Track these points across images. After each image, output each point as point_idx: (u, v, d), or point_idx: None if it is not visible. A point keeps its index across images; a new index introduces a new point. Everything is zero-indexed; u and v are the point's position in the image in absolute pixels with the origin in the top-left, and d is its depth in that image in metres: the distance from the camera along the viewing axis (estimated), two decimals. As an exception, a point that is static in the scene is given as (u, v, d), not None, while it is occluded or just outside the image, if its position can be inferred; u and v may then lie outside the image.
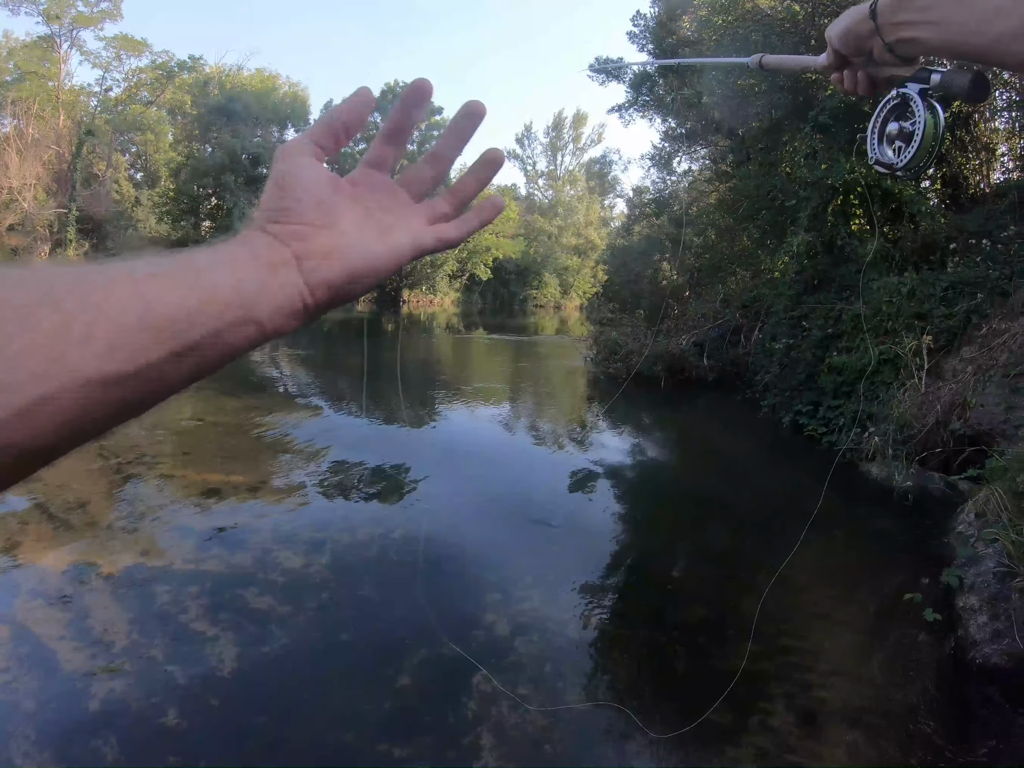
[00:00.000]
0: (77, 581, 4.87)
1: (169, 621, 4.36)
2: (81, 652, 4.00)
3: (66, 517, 6.06)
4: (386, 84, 51.88)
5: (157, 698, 3.62)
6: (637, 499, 8.17)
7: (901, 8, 0.92)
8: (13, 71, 41.88)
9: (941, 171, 13.04)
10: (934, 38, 0.89)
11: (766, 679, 4.19)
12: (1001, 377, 7.41)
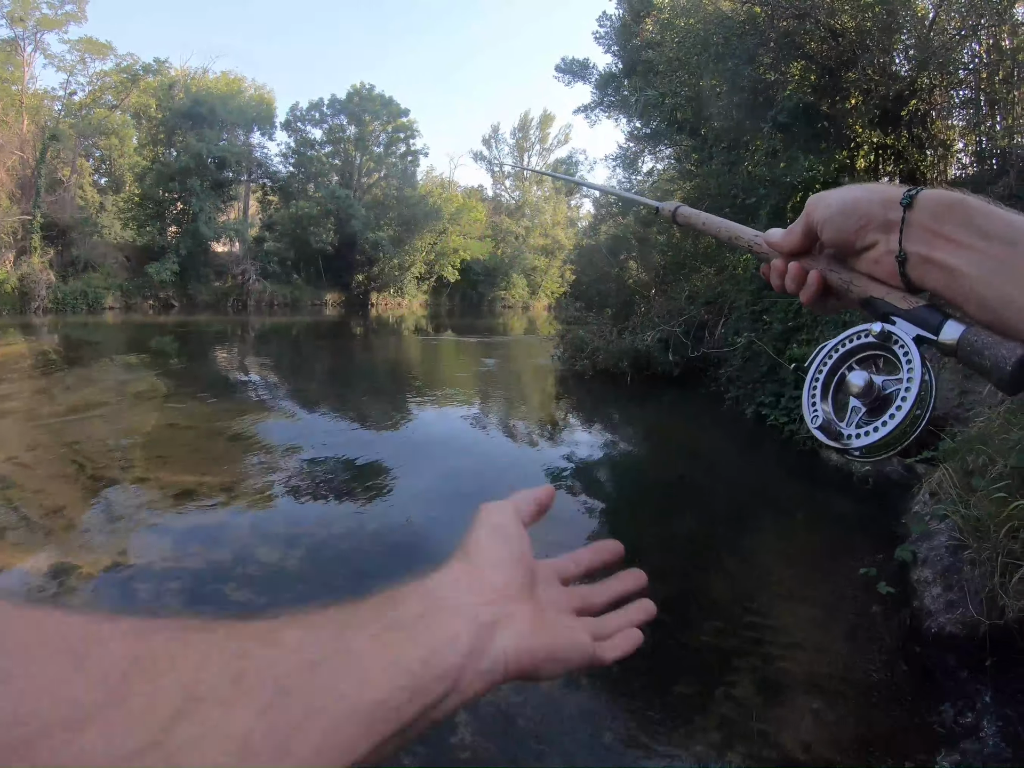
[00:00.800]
0: (57, 582, 4.91)
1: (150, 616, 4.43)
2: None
3: (44, 522, 6.09)
4: (352, 86, 51.79)
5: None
6: (605, 489, 8.34)
7: (953, 218, 0.66)
8: None
9: (899, 167, 13.32)
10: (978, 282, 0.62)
11: (731, 654, 4.36)
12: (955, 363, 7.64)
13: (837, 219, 0.72)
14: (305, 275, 49.13)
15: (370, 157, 53.01)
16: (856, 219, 0.70)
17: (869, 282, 0.72)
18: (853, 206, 0.71)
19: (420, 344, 27.97)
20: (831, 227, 0.72)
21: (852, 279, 0.73)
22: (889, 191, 0.70)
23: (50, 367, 16.46)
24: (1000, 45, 11.93)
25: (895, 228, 0.68)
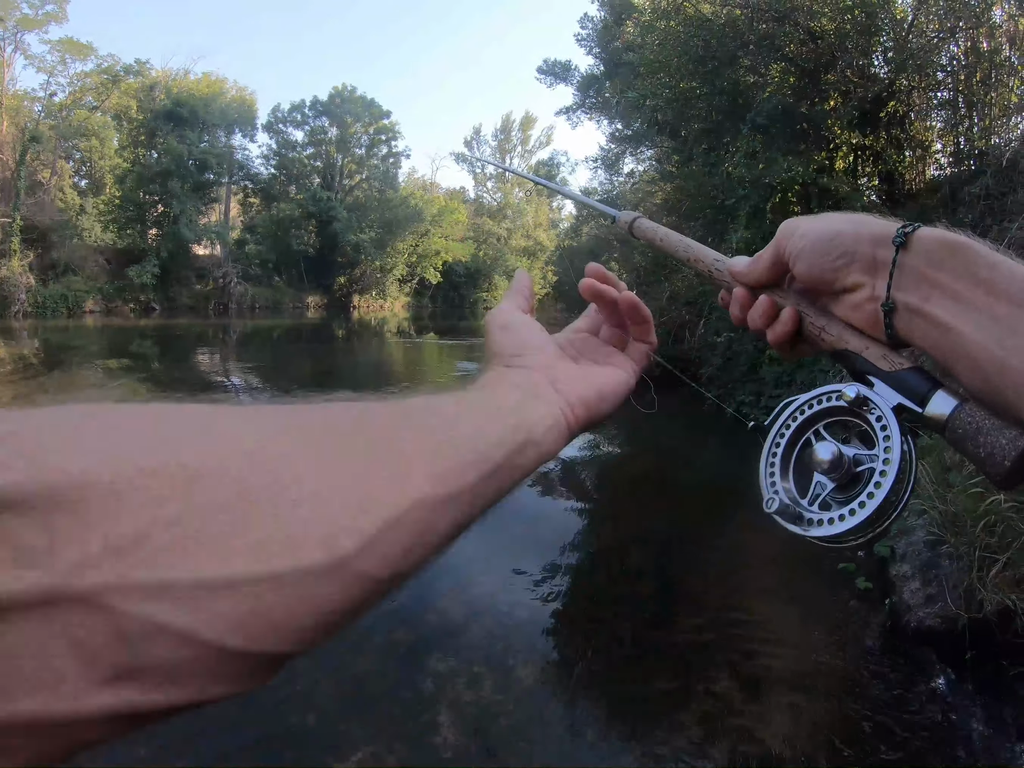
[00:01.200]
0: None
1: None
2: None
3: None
4: (334, 88, 51.74)
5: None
6: (585, 489, 8.37)
7: (954, 265, 0.56)
8: None
9: (877, 168, 13.43)
10: (975, 346, 0.54)
11: (711, 650, 4.38)
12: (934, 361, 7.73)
13: (813, 253, 0.63)
14: (287, 278, 49.07)
15: (352, 159, 53.03)
16: (837, 255, 0.62)
17: (846, 330, 0.63)
18: (834, 240, 0.62)
19: (402, 346, 27.94)
20: (805, 261, 0.63)
21: (826, 324, 0.64)
22: (879, 226, 0.61)
23: (30, 371, 16.31)
24: (978, 47, 12.04)
25: (883, 271, 0.60)
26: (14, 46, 42.01)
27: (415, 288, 58.29)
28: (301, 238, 49.40)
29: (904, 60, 11.56)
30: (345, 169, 52.95)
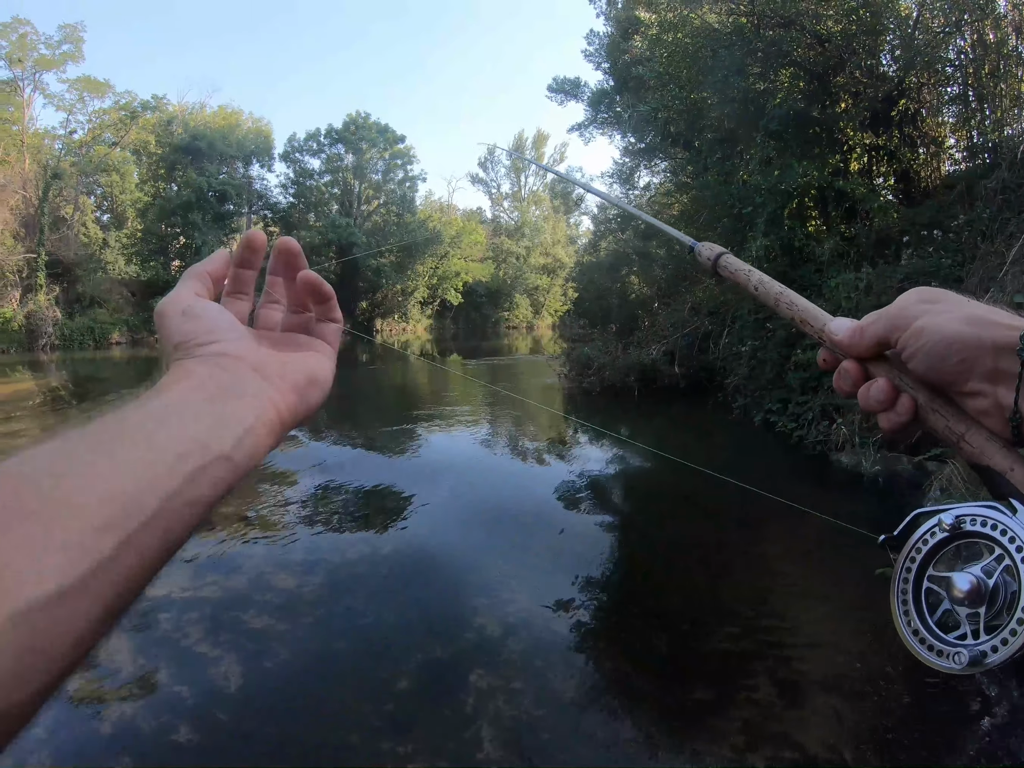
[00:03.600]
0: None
1: (172, 646, 4.48)
2: (88, 681, 4.10)
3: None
4: (348, 116, 52.19)
5: (166, 717, 3.74)
6: (615, 502, 8.36)
7: None
8: None
9: (892, 167, 13.39)
10: None
11: (749, 657, 4.38)
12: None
13: (931, 356, 0.57)
14: (309, 304, 49.34)
15: (369, 184, 53.40)
16: (956, 361, 0.56)
17: (988, 443, 0.56)
18: (952, 346, 0.56)
19: (426, 368, 28.02)
20: (922, 363, 0.58)
21: (965, 432, 0.57)
22: (1003, 331, 0.55)
23: (58, 404, 16.55)
24: (984, 39, 12.01)
25: (1007, 380, 0.54)
26: (33, 86, 42.93)
27: (437, 310, 58.51)
28: (322, 265, 49.69)
29: (912, 57, 11.58)
30: (363, 195, 53.35)
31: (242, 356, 0.55)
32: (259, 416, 0.51)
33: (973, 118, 12.78)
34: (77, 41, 42.96)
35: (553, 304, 64.94)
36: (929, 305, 0.60)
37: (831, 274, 11.03)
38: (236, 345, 0.56)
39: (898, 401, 0.61)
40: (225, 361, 0.53)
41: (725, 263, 0.82)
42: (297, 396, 0.56)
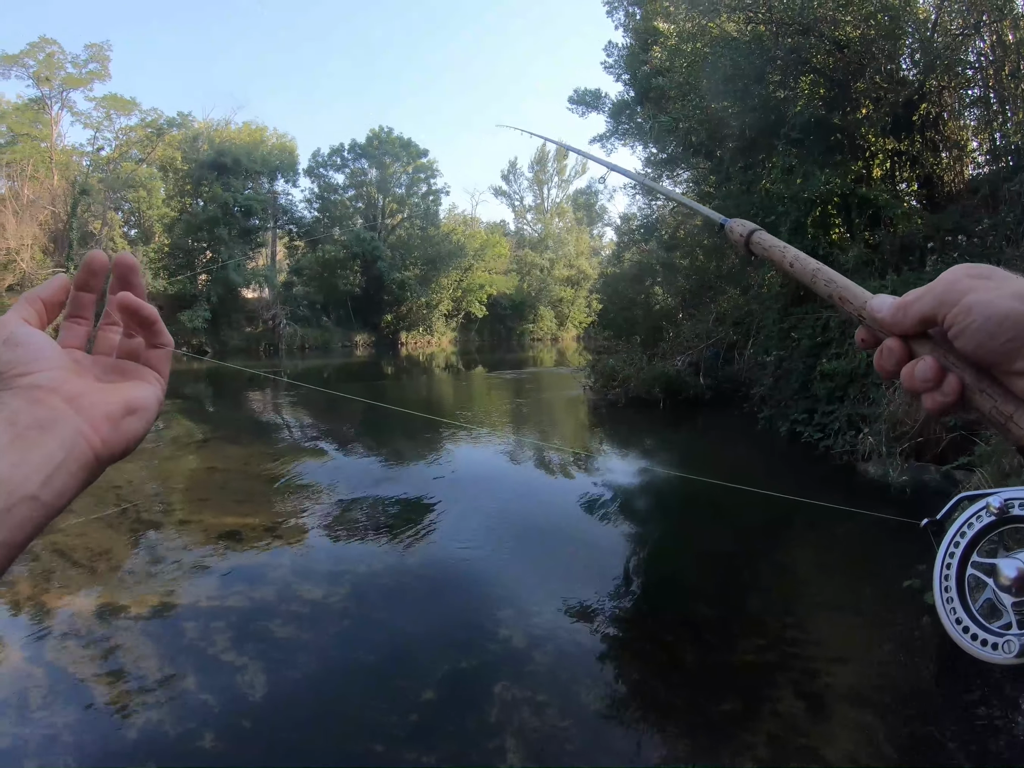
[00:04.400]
0: (106, 622, 5.04)
1: (199, 654, 4.52)
2: (116, 687, 4.16)
3: (90, 563, 6.24)
4: (371, 131, 52.58)
5: (193, 724, 3.78)
6: (642, 515, 8.34)
7: None
8: (6, 133, 42.44)
9: (915, 172, 13.30)
10: None
11: (775, 669, 4.35)
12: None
13: (980, 333, 0.54)
14: (335, 317, 49.69)
15: (392, 198, 53.65)
16: (1006, 340, 0.53)
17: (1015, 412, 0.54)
18: (1005, 322, 0.53)
19: (451, 381, 28.11)
20: (971, 341, 0.54)
21: (1015, 414, 0.54)
22: None
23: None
24: (1004, 40, 11.93)
25: None
26: (60, 104, 43.90)
27: (461, 322, 58.54)
28: (347, 278, 50.13)
29: (932, 60, 11.51)
30: (387, 209, 53.62)
31: (56, 388, 0.52)
32: (69, 451, 0.49)
33: (995, 120, 12.69)
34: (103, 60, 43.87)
35: (577, 316, 64.81)
36: (978, 281, 0.56)
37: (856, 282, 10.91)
38: (52, 376, 0.53)
39: (944, 381, 0.57)
40: (38, 393, 0.51)
41: (759, 239, 0.79)
42: (111, 427, 0.53)
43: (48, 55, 42.04)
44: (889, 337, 0.62)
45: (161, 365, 0.64)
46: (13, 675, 4.32)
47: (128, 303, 0.59)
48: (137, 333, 0.63)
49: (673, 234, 20.58)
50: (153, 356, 0.64)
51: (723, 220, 0.86)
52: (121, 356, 0.63)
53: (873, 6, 11.67)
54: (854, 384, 9.67)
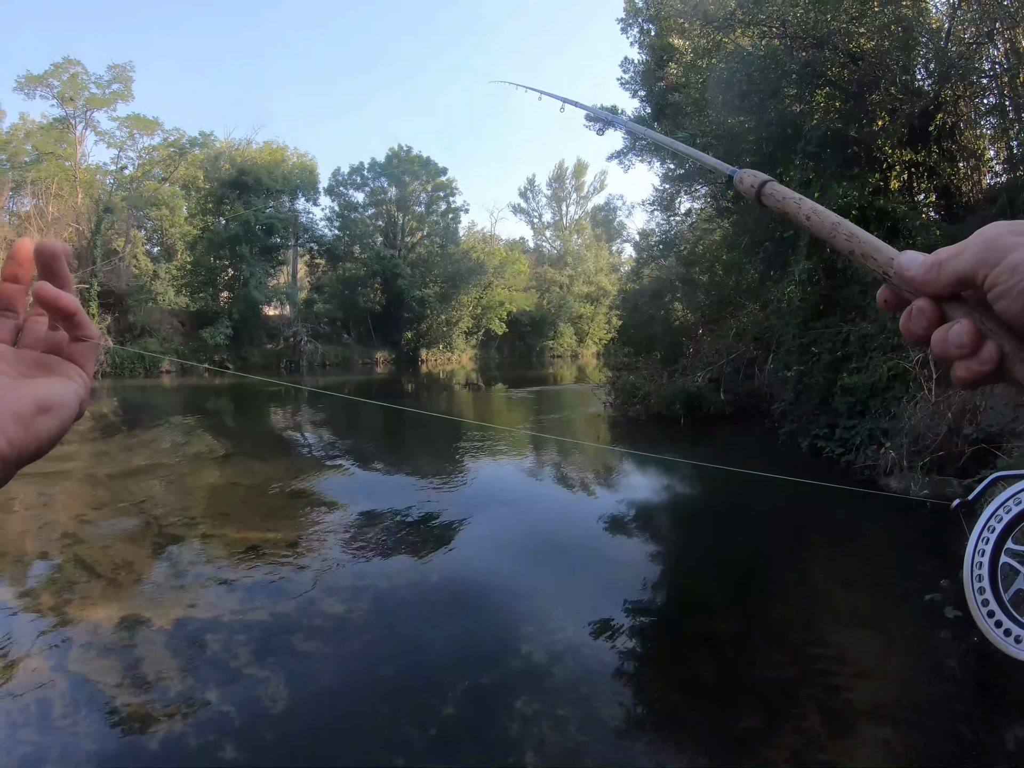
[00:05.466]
0: (129, 634, 5.09)
1: (221, 667, 4.56)
2: (138, 698, 4.20)
3: (113, 576, 6.30)
4: (390, 149, 53.02)
5: (214, 735, 3.81)
6: (663, 530, 8.32)
7: None
8: (31, 152, 43.31)
9: (932, 183, 13.25)
10: None
11: (794, 684, 4.32)
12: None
13: None
14: (355, 335, 49.98)
15: (412, 217, 54.00)
16: None
17: None
18: None
19: (472, 398, 28.15)
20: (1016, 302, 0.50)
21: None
22: None
23: (110, 429, 16.97)
24: (1017, 47, 11.89)
25: None
26: (84, 123, 44.71)
27: (481, 340, 58.67)
28: (367, 296, 50.45)
29: (946, 70, 11.49)
30: (406, 227, 53.95)
31: None
32: None
33: (1011, 128, 12.61)
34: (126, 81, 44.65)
35: (597, 332, 64.75)
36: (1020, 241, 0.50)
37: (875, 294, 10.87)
38: None
39: (982, 348, 0.53)
40: None
41: (771, 191, 0.75)
42: (20, 427, 0.49)
43: (72, 76, 42.86)
44: (919, 298, 0.58)
45: (85, 360, 0.61)
46: (37, 684, 4.37)
47: (44, 294, 0.55)
48: (60, 325, 0.60)
49: (692, 249, 20.57)
50: (76, 350, 0.60)
51: (731, 171, 0.83)
52: (45, 350, 0.60)
53: (887, 17, 11.67)
54: (875, 398, 9.63)
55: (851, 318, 11.16)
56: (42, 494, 9.57)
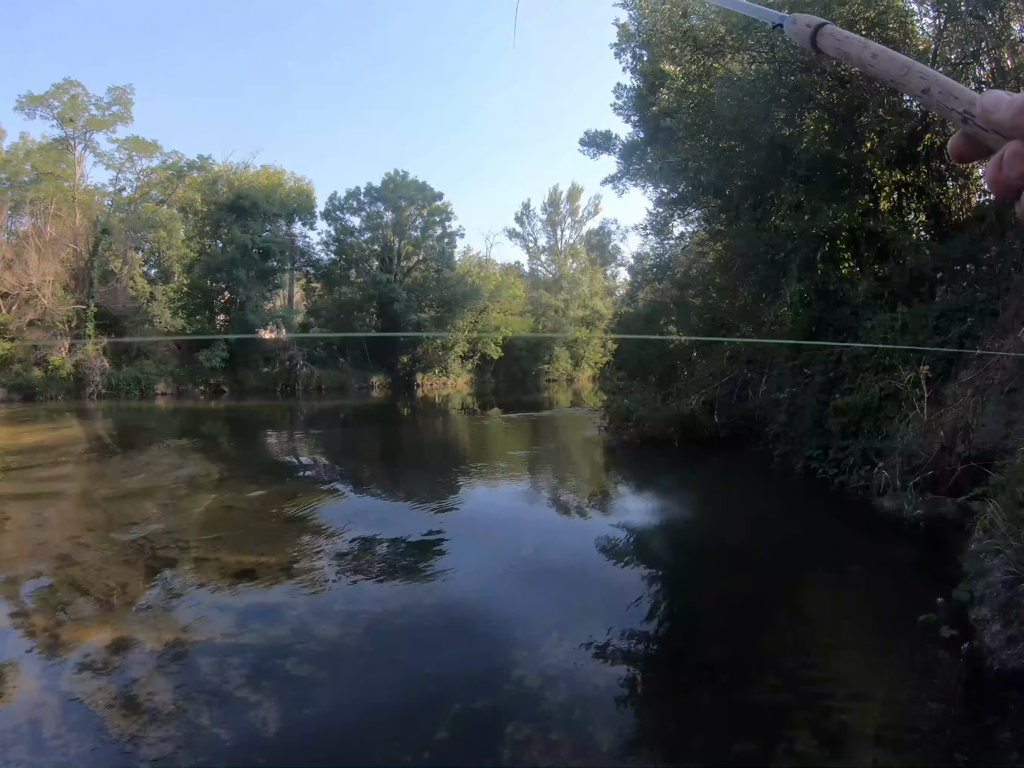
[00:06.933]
0: (121, 656, 5.07)
1: (212, 690, 4.53)
2: (129, 719, 4.18)
3: (106, 597, 6.29)
4: (387, 174, 53.29)
5: (205, 758, 3.79)
6: (657, 554, 8.29)
7: None
8: (30, 172, 43.84)
9: (922, 203, 13.36)
10: None
11: (788, 709, 4.30)
12: (999, 395, 7.59)
13: None
14: (351, 359, 50.02)
15: (408, 241, 54.21)
16: None
17: None
18: None
19: (467, 422, 28.15)
20: None
21: None
22: None
23: (105, 451, 16.96)
24: (1003, 67, 12.04)
25: None
26: (84, 145, 45.31)
27: (477, 364, 58.68)
28: (363, 320, 50.65)
29: (933, 91, 11.62)
30: (402, 251, 54.13)
31: None
32: None
33: (998, 146, 12.75)
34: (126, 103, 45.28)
35: (593, 356, 64.76)
36: None
37: (867, 316, 10.99)
38: None
39: None
40: None
41: (829, 32, 0.69)
42: None
43: (72, 97, 43.48)
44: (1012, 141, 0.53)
45: None
46: (28, 704, 4.35)
47: None
48: None
49: (686, 273, 20.65)
50: None
51: (780, 18, 0.77)
52: None
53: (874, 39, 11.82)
54: (868, 418, 9.66)
55: (842, 338, 11.21)
56: (37, 514, 9.57)
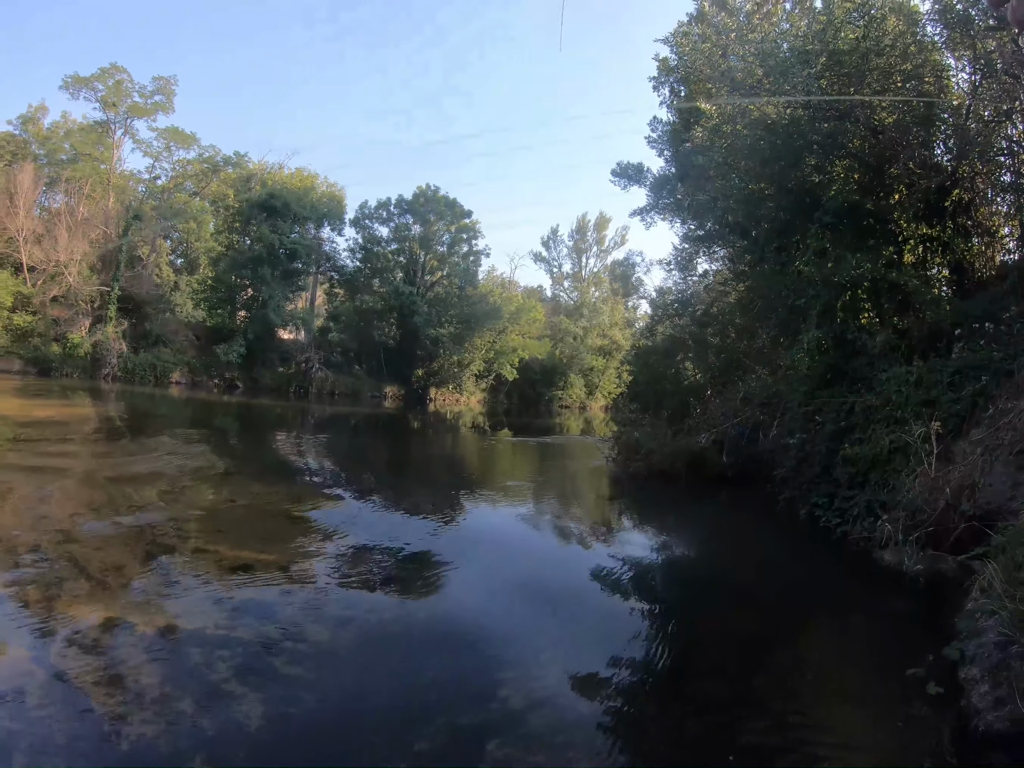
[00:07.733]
0: (111, 635, 5.11)
1: (199, 679, 4.55)
2: (113, 698, 4.21)
3: (102, 577, 6.33)
4: (418, 188, 53.67)
5: (184, 745, 3.81)
6: (655, 586, 8.28)
7: None
8: (69, 151, 44.54)
9: (946, 258, 13.34)
10: None
11: (775, 752, 4.28)
12: (1007, 455, 7.56)
13: None
14: (367, 367, 50.25)
15: (434, 256, 54.51)
16: None
17: None
18: None
19: (476, 441, 28.15)
20: None
21: None
22: None
23: (115, 433, 17.08)
24: (1037, 126, 12.10)
25: None
26: (124, 130, 46.14)
27: (491, 384, 58.80)
28: (382, 329, 50.93)
29: (965, 146, 11.68)
30: (427, 265, 54.44)
31: None
32: None
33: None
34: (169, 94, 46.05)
35: (607, 386, 64.81)
36: None
37: (882, 367, 10.98)
38: None
39: None
40: None
41: None
42: None
43: (117, 82, 44.27)
44: None
45: None
46: (14, 671, 4.41)
47: None
48: None
49: (707, 310, 20.67)
50: None
51: None
52: None
53: (909, 93, 11.87)
54: (875, 470, 9.62)
55: (857, 388, 11.20)
56: (40, 488, 9.65)
